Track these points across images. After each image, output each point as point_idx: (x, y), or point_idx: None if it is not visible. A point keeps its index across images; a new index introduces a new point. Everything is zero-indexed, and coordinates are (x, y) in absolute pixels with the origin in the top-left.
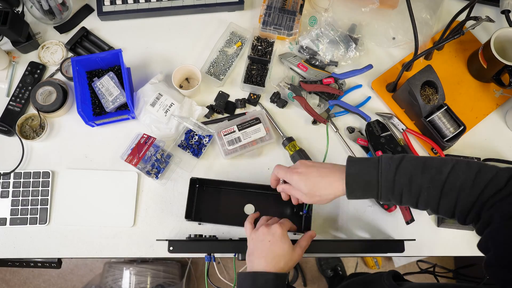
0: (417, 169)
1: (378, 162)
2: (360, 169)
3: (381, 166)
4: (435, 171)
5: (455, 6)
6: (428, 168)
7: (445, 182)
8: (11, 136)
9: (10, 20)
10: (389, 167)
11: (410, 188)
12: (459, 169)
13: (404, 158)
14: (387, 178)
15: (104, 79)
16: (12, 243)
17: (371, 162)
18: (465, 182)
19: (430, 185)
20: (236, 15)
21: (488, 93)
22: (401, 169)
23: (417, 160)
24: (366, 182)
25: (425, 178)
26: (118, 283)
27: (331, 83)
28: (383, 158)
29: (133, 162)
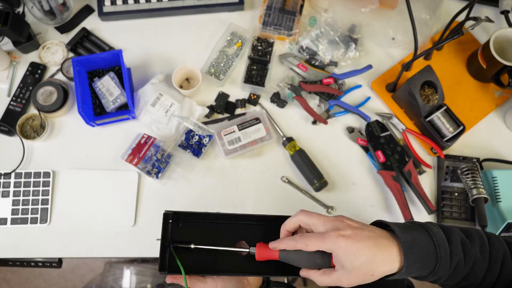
0: (464, 238)
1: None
2: (413, 236)
3: (432, 233)
4: (479, 240)
5: (454, 7)
6: (472, 237)
7: (490, 252)
8: (12, 136)
9: (11, 20)
10: (440, 235)
11: (465, 259)
12: (494, 238)
13: (441, 225)
14: (444, 248)
15: (104, 79)
16: (13, 242)
17: (416, 227)
18: (505, 252)
19: (481, 256)
20: (236, 15)
21: (487, 93)
22: (452, 237)
23: (455, 228)
24: (425, 254)
25: (475, 248)
26: (118, 283)
27: (331, 83)
28: (423, 223)
29: (134, 162)
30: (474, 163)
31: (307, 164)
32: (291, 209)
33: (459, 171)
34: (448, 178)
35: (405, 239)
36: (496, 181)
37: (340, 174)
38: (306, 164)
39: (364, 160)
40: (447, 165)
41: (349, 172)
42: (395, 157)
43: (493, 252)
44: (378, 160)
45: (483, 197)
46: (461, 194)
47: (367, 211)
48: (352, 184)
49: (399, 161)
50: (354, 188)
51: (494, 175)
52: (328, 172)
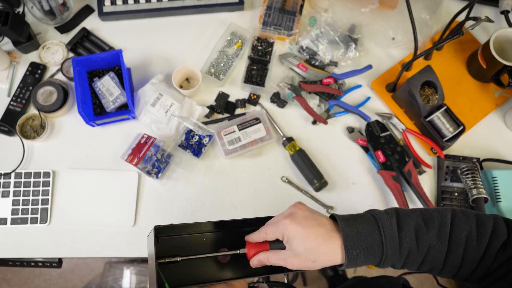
0: (420, 223)
1: (375, 218)
2: (358, 229)
3: (380, 223)
4: (438, 224)
5: (454, 7)
6: (430, 221)
7: (451, 235)
8: (12, 136)
9: (11, 20)
10: (390, 224)
11: (417, 246)
12: (459, 219)
13: (399, 212)
14: (392, 237)
15: (104, 79)
16: (13, 242)
17: (366, 219)
18: (470, 234)
19: (438, 241)
20: (236, 15)
21: (487, 93)
22: (404, 225)
23: (415, 213)
24: (368, 246)
25: (431, 233)
26: (118, 283)
27: (331, 83)
28: (377, 213)
29: (134, 162)
30: (474, 163)
31: (307, 164)
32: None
33: (459, 171)
34: (448, 178)
35: (347, 233)
36: (496, 181)
37: (340, 174)
38: (306, 164)
39: (364, 160)
40: (447, 165)
41: (349, 172)
42: (395, 157)
43: (454, 235)
44: (378, 160)
45: (483, 197)
46: (461, 194)
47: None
48: (352, 184)
49: (399, 161)
50: (354, 188)
51: (494, 175)
52: (328, 172)
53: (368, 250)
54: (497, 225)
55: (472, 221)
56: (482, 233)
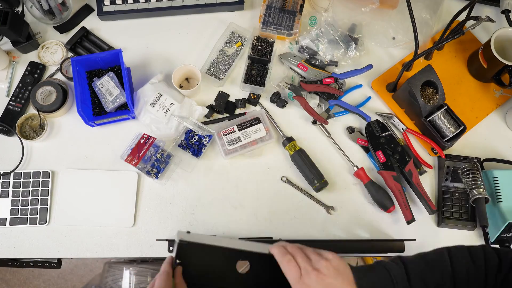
0: (424, 269)
1: (386, 270)
2: (371, 280)
3: (392, 274)
4: (439, 265)
5: (455, 6)
6: (432, 263)
7: (453, 274)
8: (11, 136)
9: (10, 20)
10: (400, 275)
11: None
12: (456, 255)
13: (403, 259)
14: (403, 286)
15: (104, 79)
16: (12, 243)
17: (379, 271)
18: (469, 268)
19: (443, 282)
20: (236, 15)
21: (488, 93)
22: (412, 273)
23: (417, 258)
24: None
25: (436, 276)
26: (118, 283)
27: (331, 83)
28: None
29: (133, 162)
30: (475, 163)
31: (307, 164)
32: (291, 210)
33: (459, 171)
34: (448, 178)
35: (362, 285)
36: (497, 181)
37: (340, 174)
38: (306, 164)
39: (365, 160)
40: (447, 165)
41: (349, 173)
42: (396, 157)
43: (456, 272)
44: (379, 160)
45: (484, 197)
46: (462, 194)
47: (368, 211)
48: (353, 184)
49: (399, 161)
50: (355, 188)
51: (495, 175)
52: (328, 172)
53: None
54: (487, 253)
55: (466, 255)
56: (479, 265)
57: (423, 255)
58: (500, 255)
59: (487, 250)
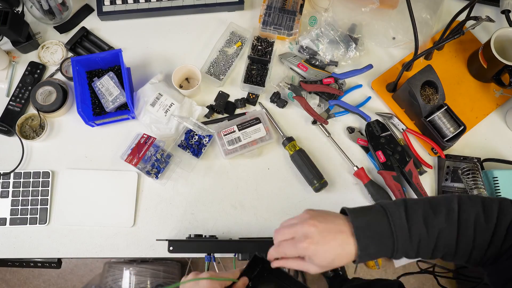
0: (428, 210)
1: (383, 208)
2: (367, 221)
3: (389, 213)
4: (445, 209)
5: (455, 6)
6: (437, 207)
7: (459, 219)
8: (11, 136)
9: (10, 20)
10: (398, 213)
11: (428, 232)
12: (466, 203)
13: (407, 201)
14: (401, 226)
15: (104, 79)
16: (12, 243)
17: (376, 210)
18: (478, 216)
19: (447, 225)
20: (236, 15)
21: (488, 93)
22: (412, 213)
23: (423, 201)
24: (379, 235)
25: (439, 219)
26: (118, 283)
27: (331, 83)
28: (386, 204)
29: (133, 162)
30: (475, 163)
31: (307, 164)
32: (291, 210)
33: (459, 171)
34: (448, 178)
35: (357, 225)
36: (497, 181)
37: (340, 174)
38: (306, 164)
39: (365, 160)
40: (447, 165)
41: (349, 173)
42: (396, 157)
43: (462, 218)
44: (379, 160)
45: None
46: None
47: None
48: (353, 184)
49: (399, 161)
50: (355, 189)
51: (495, 175)
52: (328, 172)
53: (379, 239)
54: (503, 205)
55: (478, 204)
56: (489, 214)
57: (430, 198)
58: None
59: (504, 203)
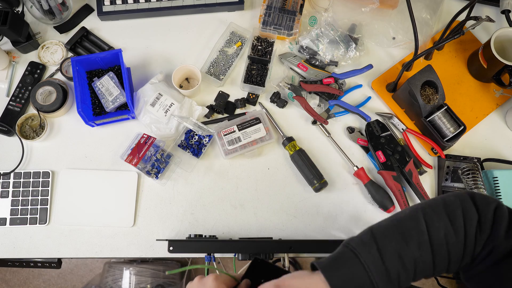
0: (400, 242)
1: (355, 255)
2: (344, 277)
3: (363, 260)
4: (416, 234)
5: (455, 6)
6: (407, 233)
7: (430, 240)
8: (11, 136)
9: (10, 20)
10: (371, 256)
11: (405, 267)
12: (431, 218)
13: (375, 235)
14: (378, 271)
15: (104, 79)
16: (12, 243)
17: (347, 258)
18: (447, 231)
19: (421, 252)
20: (236, 15)
21: (488, 93)
22: (385, 251)
23: (391, 230)
24: (358, 285)
25: (412, 248)
26: (118, 283)
27: (331, 83)
28: (356, 248)
29: (133, 162)
30: (474, 163)
31: (307, 164)
32: (290, 210)
33: (459, 171)
34: (448, 178)
35: (334, 283)
36: (497, 181)
37: (340, 174)
38: (306, 164)
39: (365, 160)
40: (447, 165)
41: (349, 173)
42: (396, 157)
43: (433, 238)
44: (379, 160)
45: None
46: None
47: (368, 211)
48: (353, 184)
49: (399, 161)
50: (355, 189)
51: (495, 175)
52: (328, 172)
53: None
54: (466, 210)
55: (443, 215)
56: (456, 224)
57: (396, 222)
58: (478, 206)
59: (465, 205)
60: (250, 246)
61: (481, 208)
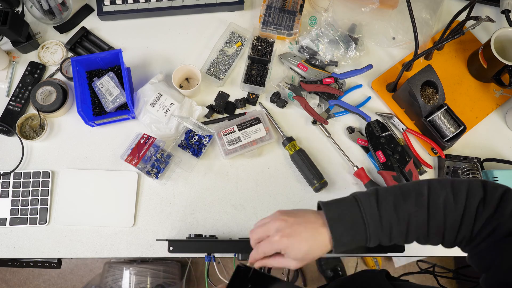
0: (398, 197)
1: (355, 199)
2: (340, 212)
3: (360, 203)
4: (415, 194)
5: (455, 6)
6: (407, 193)
7: (429, 202)
8: (11, 136)
9: (10, 20)
10: (369, 202)
11: (398, 218)
12: (435, 186)
13: (378, 190)
14: (372, 214)
15: (104, 79)
16: (12, 243)
17: (348, 201)
18: (447, 198)
19: (416, 209)
20: (236, 15)
21: (488, 93)
22: (382, 201)
23: (394, 189)
24: (351, 224)
25: (409, 204)
26: (118, 283)
27: (331, 83)
28: (358, 194)
29: (133, 162)
30: (475, 163)
31: (307, 164)
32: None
33: (459, 171)
34: None
35: (330, 216)
36: (497, 181)
37: (340, 174)
38: (306, 164)
39: (365, 160)
40: (447, 165)
41: (349, 173)
42: (396, 157)
43: (432, 201)
44: (379, 160)
45: None
46: None
47: None
48: (353, 184)
49: (399, 161)
50: (355, 189)
51: (495, 175)
52: (328, 172)
53: (352, 228)
54: (471, 187)
55: (448, 186)
56: (458, 195)
57: (402, 185)
58: (486, 188)
59: (472, 184)
60: (250, 246)
61: (489, 190)
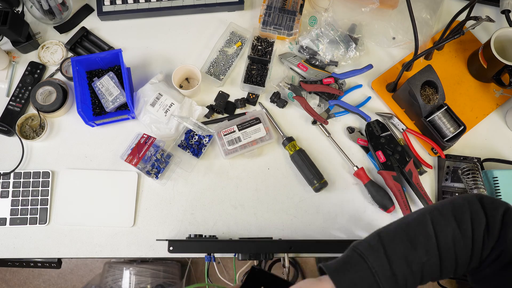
0: (406, 245)
1: (363, 258)
2: (350, 279)
3: (369, 263)
4: (423, 239)
5: (455, 6)
6: (414, 238)
7: (438, 245)
8: (11, 136)
9: (10, 20)
10: (379, 260)
11: (412, 271)
12: (439, 222)
13: (383, 239)
14: (386, 276)
15: (104, 79)
16: (12, 243)
17: (355, 263)
18: (455, 235)
19: (428, 257)
20: (236, 15)
21: (488, 93)
22: (393, 255)
23: (399, 234)
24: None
25: (420, 252)
26: (118, 283)
27: (331, 83)
28: (362, 250)
29: (133, 162)
30: (474, 163)
31: (307, 164)
32: (290, 210)
33: (459, 171)
34: (448, 178)
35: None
36: (497, 181)
37: (340, 174)
38: (306, 164)
39: (365, 160)
40: (447, 165)
41: (349, 173)
42: (396, 157)
43: (441, 243)
44: (379, 160)
45: None
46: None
47: (368, 211)
48: (353, 184)
49: (399, 161)
50: (355, 188)
51: (495, 175)
52: (328, 172)
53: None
54: (474, 213)
55: (451, 219)
56: (464, 228)
57: (404, 226)
58: (486, 210)
59: (474, 209)
60: (250, 246)
61: (489, 213)
